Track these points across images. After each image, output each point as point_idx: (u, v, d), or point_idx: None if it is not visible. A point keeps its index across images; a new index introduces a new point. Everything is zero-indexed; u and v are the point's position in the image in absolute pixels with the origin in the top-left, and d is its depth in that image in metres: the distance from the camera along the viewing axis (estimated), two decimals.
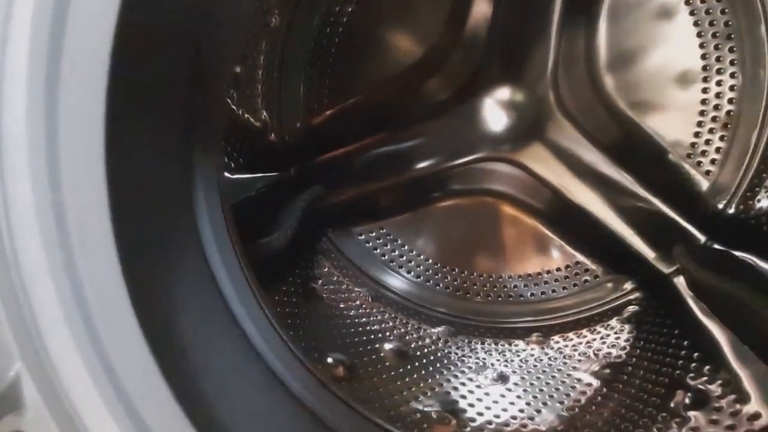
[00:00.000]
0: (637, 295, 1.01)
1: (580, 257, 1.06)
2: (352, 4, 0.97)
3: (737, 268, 0.87)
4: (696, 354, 0.81)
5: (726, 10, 0.89)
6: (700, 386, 0.78)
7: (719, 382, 0.73)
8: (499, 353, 0.98)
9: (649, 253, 0.98)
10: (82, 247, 0.35)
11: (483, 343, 1.02)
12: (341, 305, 1.03)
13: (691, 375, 0.78)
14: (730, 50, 0.91)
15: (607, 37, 0.92)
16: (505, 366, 0.94)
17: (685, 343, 0.84)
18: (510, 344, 1.01)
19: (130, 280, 0.36)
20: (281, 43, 0.97)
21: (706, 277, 0.83)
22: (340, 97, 1.03)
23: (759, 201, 0.91)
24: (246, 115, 0.90)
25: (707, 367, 0.79)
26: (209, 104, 0.51)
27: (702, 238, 0.95)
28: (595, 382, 0.88)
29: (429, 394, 0.85)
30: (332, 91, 1.03)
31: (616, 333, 0.98)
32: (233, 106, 0.83)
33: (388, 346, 0.94)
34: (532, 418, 0.80)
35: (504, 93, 0.95)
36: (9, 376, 0.35)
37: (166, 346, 0.39)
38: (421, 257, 1.11)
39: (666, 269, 0.97)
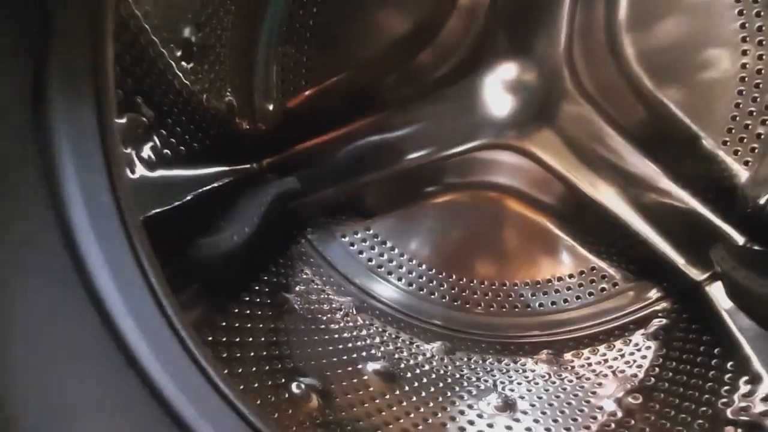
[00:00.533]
0: (664, 305, 0.87)
1: (596, 261, 0.92)
2: None
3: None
4: (744, 378, 0.67)
5: None
6: (747, 417, 0.65)
7: None
8: (503, 374, 0.84)
9: (677, 258, 0.85)
10: None
11: (485, 362, 0.88)
12: (319, 318, 0.88)
13: (740, 405, 0.65)
14: None
15: (630, 3, 0.78)
16: (511, 390, 0.80)
17: (729, 365, 0.70)
18: (516, 363, 0.87)
19: None
20: (251, 12, 0.83)
21: (754, 285, 0.69)
22: (321, 75, 0.90)
23: None
24: (204, 95, 0.76)
25: (757, 394, 0.65)
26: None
27: (740, 239, 0.81)
28: (619, 411, 0.74)
29: (421, 426, 0.71)
30: (311, 69, 0.89)
31: (640, 350, 0.84)
32: (185, 82, 0.69)
33: (373, 366, 0.80)
34: None
35: (509, 70, 0.81)
36: None
37: None
38: (414, 262, 0.97)
39: (699, 276, 0.84)
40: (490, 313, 0.97)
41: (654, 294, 0.89)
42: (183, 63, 0.69)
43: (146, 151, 0.58)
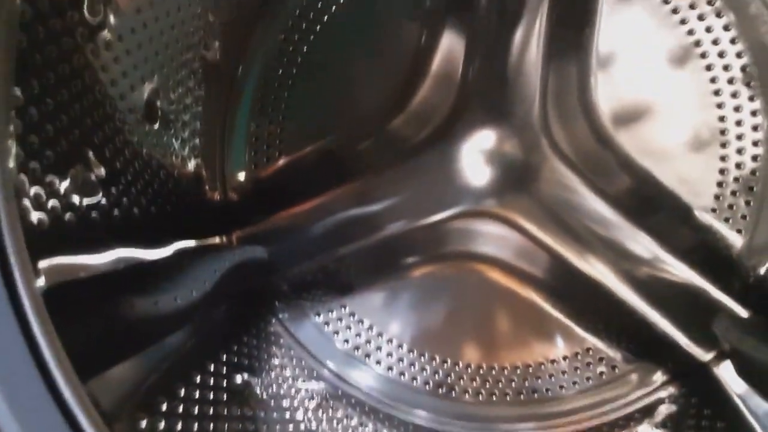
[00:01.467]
0: (670, 390, 0.79)
1: (593, 341, 0.84)
2: (308, 40, 0.85)
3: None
4: None
5: (742, 54, 0.77)
6: None
7: None
8: None
9: (680, 337, 0.77)
10: None
11: None
12: (287, 407, 0.79)
13: None
14: (750, 99, 0.77)
15: (604, 70, 0.78)
16: None
17: None
18: None
19: None
20: (225, 78, 0.83)
21: (764, 355, 0.62)
22: (295, 144, 0.87)
23: None
24: (167, 159, 0.72)
25: None
26: None
27: (744, 313, 0.75)
28: None
29: None
30: (285, 138, 0.87)
31: None
32: (146, 143, 0.66)
33: None
34: None
35: (486, 137, 0.79)
36: None
37: None
38: (394, 343, 0.89)
39: (704, 356, 0.76)
40: (479, 402, 0.87)
41: (659, 378, 0.81)
42: (145, 124, 0.67)
43: (89, 208, 0.53)
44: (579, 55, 0.77)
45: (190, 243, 0.73)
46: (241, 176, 0.88)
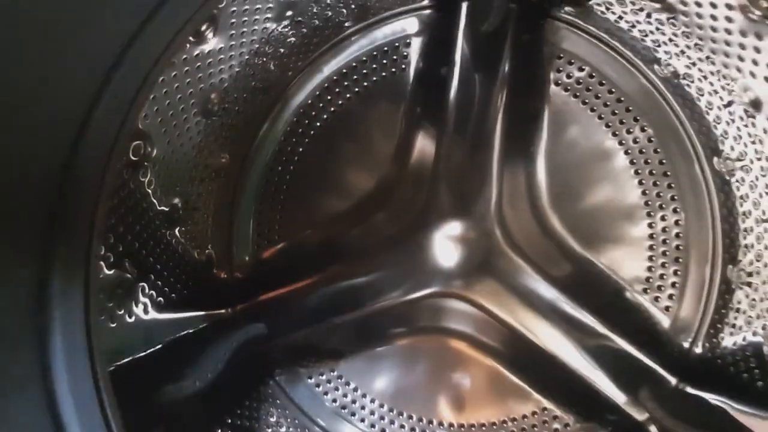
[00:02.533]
0: None
1: (547, 403, 0.97)
2: (304, 142, 1.01)
3: (711, 414, 0.80)
4: None
5: (659, 150, 0.93)
6: None
7: None
8: None
9: (620, 397, 0.91)
10: None
11: None
12: None
13: None
14: (669, 187, 0.93)
15: (548, 175, 0.95)
16: None
17: None
18: None
19: None
20: (232, 177, 0.98)
21: (676, 426, 0.75)
22: (293, 229, 1.02)
23: (723, 339, 0.86)
24: (187, 251, 0.87)
25: None
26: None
27: (672, 380, 0.88)
28: None
29: None
30: (284, 225, 1.02)
31: None
32: (171, 241, 0.81)
33: None
34: None
35: (453, 227, 0.94)
36: None
37: None
38: (376, 403, 1.02)
39: (640, 415, 0.89)
40: None
41: None
42: (171, 226, 0.82)
43: (127, 305, 0.68)
44: (527, 166, 0.93)
45: (205, 320, 0.88)
46: (246, 257, 1.02)
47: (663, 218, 0.93)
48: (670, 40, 0.79)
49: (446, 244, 0.95)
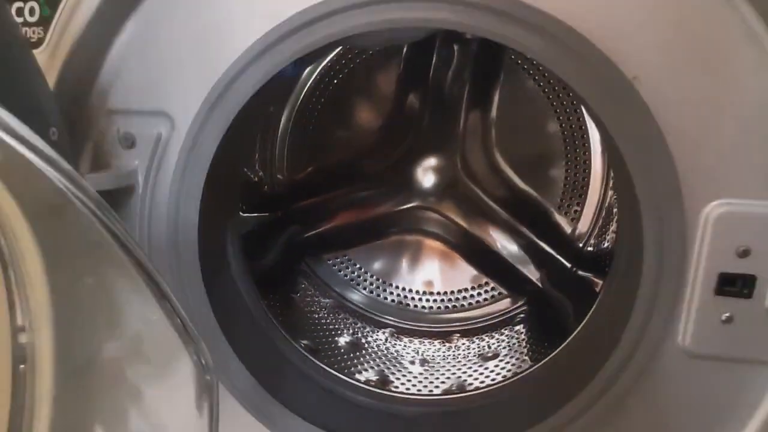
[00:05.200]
0: (523, 308, 1.41)
1: (487, 279, 1.45)
2: (325, 95, 1.38)
3: (587, 286, 1.27)
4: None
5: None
6: None
7: None
8: (425, 346, 1.36)
9: (534, 275, 1.38)
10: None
11: (414, 341, 1.40)
12: (311, 310, 1.41)
13: None
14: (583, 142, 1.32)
15: (496, 127, 1.33)
16: (427, 354, 1.32)
17: None
18: (435, 340, 1.39)
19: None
20: (273, 122, 1.37)
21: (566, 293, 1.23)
22: (317, 159, 1.43)
23: (602, 243, 1.32)
24: (250, 174, 1.29)
25: None
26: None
27: (569, 265, 1.35)
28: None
29: (372, 371, 1.22)
30: (311, 155, 1.43)
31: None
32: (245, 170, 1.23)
33: (345, 339, 1.32)
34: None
35: (429, 161, 1.36)
36: None
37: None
38: (374, 277, 1.49)
39: (545, 287, 1.37)
40: (424, 311, 1.49)
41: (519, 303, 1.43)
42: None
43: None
44: (483, 119, 1.32)
45: (265, 219, 1.33)
46: (281, 177, 1.44)
47: (576, 161, 1.34)
48: None
49: (424, 172, 1.37)
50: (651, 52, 0.59)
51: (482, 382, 1.12)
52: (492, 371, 1.17)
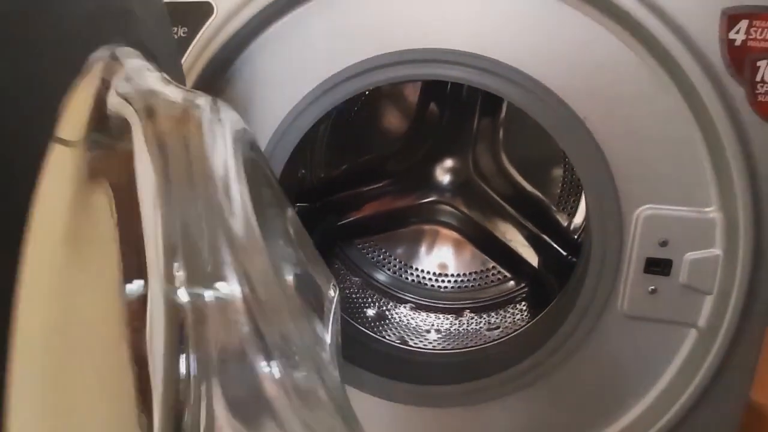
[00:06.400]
0: (525, 290, 1.64)
1: (494, 264, 1.68)
2: (357, 106, 1.63)
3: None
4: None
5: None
6: None
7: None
8: (439, 320, 1.61)
9: (535, 261, 1.61)
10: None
11: (431, 315, 1.65)
12: (345, 287, 1.67)
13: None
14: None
15: (504, 133, 1.56)
16: (442, 326, 1.57)
17: None
18: (449, 314, 1.64)
19: None
20: (321, 131, 1.63)
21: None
22: (349, 160, 1.68)
23: None
24: (300, 172, 1.56)
25: None
26: None
27: (564, 253, 1.57)
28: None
29: (394, 336, 1.48)
30: (345, 156, 1.68)
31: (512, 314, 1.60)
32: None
33: (372, 311, 1.58)
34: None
35: (446, 162, 1.60)
36: None
37: None
38: (397, 260, 1.73)
39: (533, 271, 1.60)
40: (439, 290, 1.73)
41: (522, 285, 1.66)
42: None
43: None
44: (493, 129, 1.54)
45: (304, 208, 1.59)
46: (322, 174, 1.70)
47: (569, 167, 1.56)
48: None
49: (441, 172, 1.61)
50: (594, 99, 0.82)
51: (485, 342, 1.37)
52: (494, 339, 1.42)
